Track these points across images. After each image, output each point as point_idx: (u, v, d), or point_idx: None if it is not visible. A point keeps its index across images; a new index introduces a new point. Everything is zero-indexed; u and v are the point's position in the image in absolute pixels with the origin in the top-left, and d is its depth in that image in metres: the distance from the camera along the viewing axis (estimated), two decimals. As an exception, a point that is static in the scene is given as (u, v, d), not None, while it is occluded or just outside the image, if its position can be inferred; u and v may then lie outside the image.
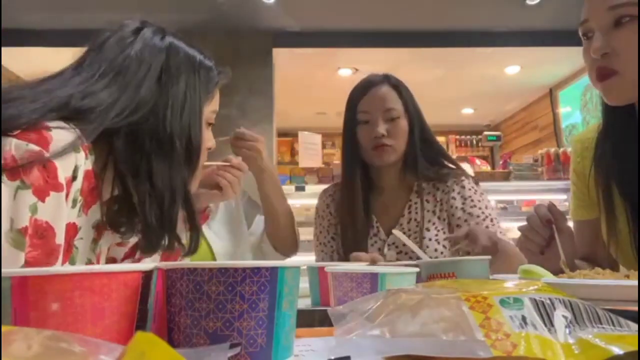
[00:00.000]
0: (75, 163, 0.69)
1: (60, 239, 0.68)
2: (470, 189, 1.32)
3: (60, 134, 0.68)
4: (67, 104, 0.72)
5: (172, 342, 0.40)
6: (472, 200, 1.29)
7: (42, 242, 0.65)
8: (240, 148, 1.27)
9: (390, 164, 1.33)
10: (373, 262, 1.06)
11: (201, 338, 0.38)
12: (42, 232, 0.65)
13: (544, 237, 0.89)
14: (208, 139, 0.92)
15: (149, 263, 0.41)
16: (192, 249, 0.88)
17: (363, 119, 1.33)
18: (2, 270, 0.33)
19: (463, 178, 1.34)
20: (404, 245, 1.27)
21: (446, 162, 1.39)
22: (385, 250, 1.30)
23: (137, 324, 0.38)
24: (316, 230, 1.47)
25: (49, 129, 0.67)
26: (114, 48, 0.81)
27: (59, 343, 0.24)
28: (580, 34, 0.94)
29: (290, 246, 1.39)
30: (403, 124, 1.31)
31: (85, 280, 0.35)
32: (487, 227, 1.23)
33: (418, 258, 1.08)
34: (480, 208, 1.28)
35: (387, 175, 1.37)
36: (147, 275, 0.39)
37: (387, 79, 1.37)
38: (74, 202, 0.71)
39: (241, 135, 1.27)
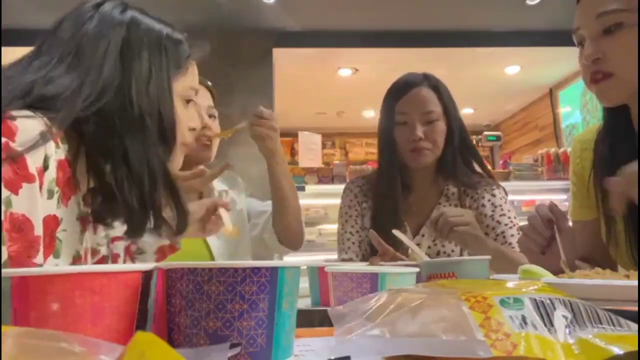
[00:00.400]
0: (45, 152, 0.67)
1: (38, 230, 0.66)
2: (501, 199, 1.33)
3: (26, 123, 0.65)
4: (30, 91, 0.69)
5: (172, 342, 0.40)
6: (502, 209, 1.31)
7: (21, 236, 0.64)
8: (259, 127, 1.25)
9: (426, 167, 1.33)
10: (393, 259, 1.08)
11: (201, 338, 0.38)
12: (20, 225, 0.64)
13: (545, 237, 0.89)
14: (190, 118, 0.88)
15: (150, 263, 0.41)
16: (180, 229, 0.85)
17: (401, 120, 1.31)
18: (2, 270, 0.33)
19: (494, 187, 1.36)
20: (430, 247, 1.28)
21: (479, 169, 1.39)
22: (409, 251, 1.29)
23: (137, 324, 0.38)
24: (342, 219, 1.43)
25: (13, 118, 0.64)
26: (70, 27, 0.77)
27: (59, 343, 0.24)
28: (574, 40, 0.96)
29: (296, 238, 1.36)
30: (441, 126, 1.31)
31: (86, 280, 0.35)
32: (512, 235, 1.26)
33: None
34: (509, 217, 1.30)
35: (419, 177, 1.37)
36: (147, 275, 0.39)
37: (427, 80, 1.35)
38: (50, 193, 0.69)
39: (260, 114, 1.26)
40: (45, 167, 0.67)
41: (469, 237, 1.10)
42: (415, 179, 1.38)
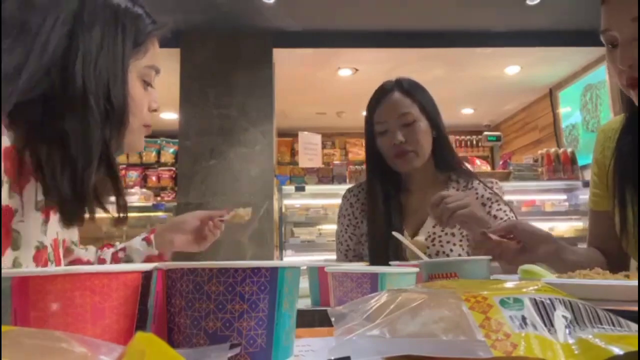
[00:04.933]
0: None
1: None
2: (498, 192, 1.34)
3: None
4: None
5: (172, 342, 0.40)
6: (498, 204, 1.31)
7: None
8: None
9: (417, 168, 1.33)
10: None
11: (201, 338, 0.38)
12: None
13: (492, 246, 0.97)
14: (146, 99, 0.82)
15: (150, 263, 0.41)
16: (121, 219, 0.78)
17: (381, 130, 1.33)
18: (2, 270, 0.33)
19: (493, 180, 1.38)
20: (429, 248, 1.28)
21: (460, 164, 1.40)
22: (407, 252, 1.29)
23: (137, 324, 0.38)
24: (337, 229, 1.47)
25: None
26: None
27: (59, 343, 0.24)
28: (603, 40, 0.94)
29: None
30: (421, 126, 1.31)
31: (86, 281, 0.35)
32: None
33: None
34: (504, 211, 1.30)
35: (417, 179, 1.38)
36: (147, 275, 0.39)
37: (398, 84, 1.35)
38: None
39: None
40: None
41: (471, 219, 1.09)
42: (414, 182, 1.38)
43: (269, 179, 3.49)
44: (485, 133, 4.88)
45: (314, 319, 0.65)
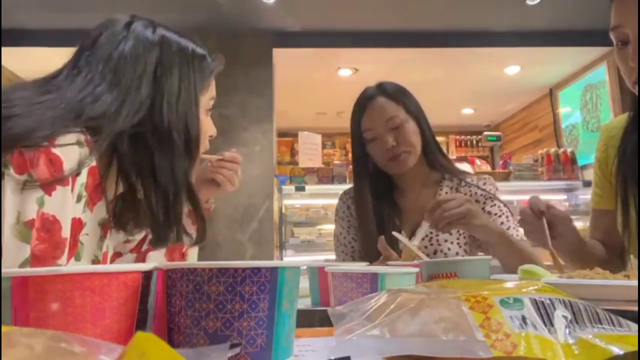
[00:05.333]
0: (79, 157, 0.70)
1: (66, 232, 0.68)
2: (491, 189, 1.34)
3: (69, 153, 0.68)
4: (82, 111, 0.73)
5: (172, 342, 0.40)
6: (492, 200, 1.31)
7: (49, 236, 0.66)
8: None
9: (409, 169, 1.33)
10: (386, 260, 1.08)
11: (201, 338, 0.38)
12: (49, 225, 0.66)
13: (537, 226, 0.93)
14: (209, 128, 0.92)
15: (150, 263, 0.41)
16: (200, 239, 0.90)
17: (370, 137, 1.33)
18: (2, 270, 0.33)
19: (486, 176, 1.39)
20: (427, 247, 1.28)
21: (450, 163, 1.40)
22: (404, 252, 1.29)
23: (137, 324, 0.38)
24: (336, 231, 1.47)
25: (55, 146, 0.67)
26: (107, 45, 0.80)
27: (59, 343, 0.24)
28: (612, 37, 0.93)
29: None
30: (410, 127, 1.31)
31: (86, 280, 0.35)
32: (502, 223, 1.26)
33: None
34: (498, 207, 1.30)
35: (408, 180, 1.38)
36: (147, 275, 0.39)
37: (382, 90, 1.35)
38: (79, 197, 0.72)
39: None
40: (79, 172, 0.70)
41: (470, 227, 1.09)
42: (407, 183, 1.38)
43: (269, 179, 3.49)
44: (485, 133, 4.89)
45: (314, 319, 0.65)
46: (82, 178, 0.71)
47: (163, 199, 0.78)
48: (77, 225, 0.74)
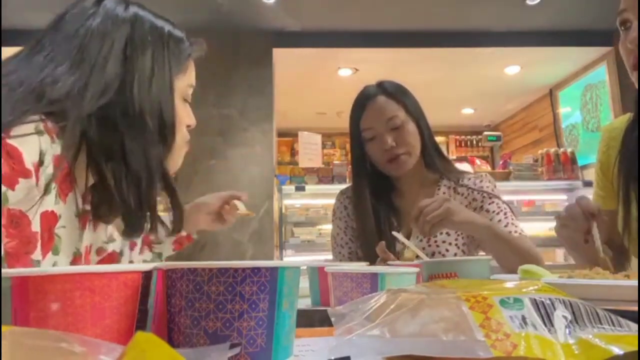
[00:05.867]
0: (39, 147, 0.65)
1: (35, 226, 0.65)
2: (488, 186, 1.34)
3: (28, 145, 0.64)
4: (42, 94, 0.68)
5: (172, 342, 0.40)
6: (490, 198, 1.31)
7: (18, 232, 0.63)
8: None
9: (407, 171, 1.33)
10: (384, 261, 1.08)
11: (201, 338, 0.38)
12: (16, 220, 0.63)
13: (583, 227, 0.90)
14: (186, 116, 0.87)
15: (150, 263, 0.41)
16: (176, 229, 0.85)
17: (369, 136, 1.32)
18: (2, 270, 0.33)
19: (483, 174, 1.38)
20: (424, 248, 1.28)
21: (448, 163, 1.40)
22: (405, 252, 1.29)
23: (137, 324, 0.38)
24: (333, 232, 1.46)
25: (12, 137, 0.63)
26: (73, 22, 0.75)
27: (59, 343, 0.24)
28: (618, 23, 0.93)
29: None
30: (410, 128, 1.30)
31: (86, 281, 0.35)
32: (499, 220, 1.25)
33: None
34: (497, 204, 1.29)
35: (406, 180, 1.37)
36: (147, 275, 0.39)
37: (382, 89, 1.35)
38: (47, 188, 0.67)
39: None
40: (41, 162, 0.65)
41: (453, 225, 1.08)
42: (405, 184, 1.38)
43: (269, 178, 3.49)
44: (485, 133, 4.88)
45: (314, 319, 0.65)
46: (48, 169, 0.66)
47: (135, 185, 0.73)
48: (51, 218, 0.70)
